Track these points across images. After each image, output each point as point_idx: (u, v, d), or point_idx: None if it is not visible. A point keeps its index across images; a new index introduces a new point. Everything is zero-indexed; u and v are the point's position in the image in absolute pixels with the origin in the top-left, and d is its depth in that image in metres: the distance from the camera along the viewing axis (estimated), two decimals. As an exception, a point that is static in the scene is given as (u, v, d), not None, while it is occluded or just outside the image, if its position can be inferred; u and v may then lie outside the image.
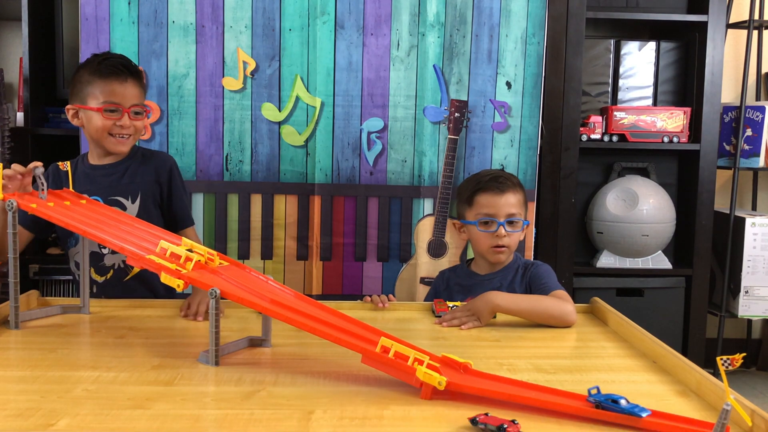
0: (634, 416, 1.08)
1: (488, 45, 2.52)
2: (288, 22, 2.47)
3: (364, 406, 1.16)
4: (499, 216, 1.89)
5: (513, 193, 1.92)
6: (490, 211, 1.90)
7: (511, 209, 1.90)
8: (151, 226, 1.60)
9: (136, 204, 1.90)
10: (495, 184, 1.91)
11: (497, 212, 1.90)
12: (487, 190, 1.91)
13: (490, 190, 1.91)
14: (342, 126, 2.52)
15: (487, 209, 1.91)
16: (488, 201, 1.91)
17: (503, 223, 1.89)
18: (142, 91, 1.89)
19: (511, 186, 1.92)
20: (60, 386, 1.21)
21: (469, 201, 1.95)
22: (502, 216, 1.89)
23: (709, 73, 2.92)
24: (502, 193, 1.90)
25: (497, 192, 1.90)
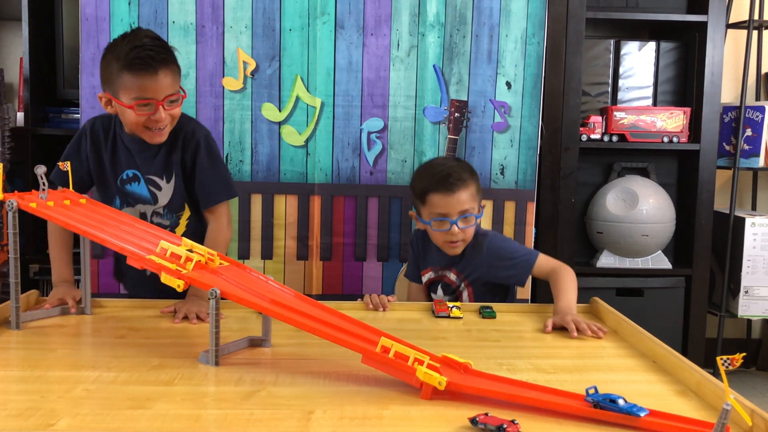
0: (633, 416, 1.09)
1: (488, 45, 2.52)
2: (288, 22, 2.47)
3: (364, 406, 1.16)
4: (452, 215, 1.91)
5: (464, 190, 1.92)
6: (442, 211, 1.92)
7: (463, 206, 1.92)
8: (150, 226, 1.60)
9: (171, 184, 1.85)
10: (445, 185, 1.91)
11: (449, 212, 1.91)
12: (438, 191, 1.92)
13: (441, 191, 1.92)
14: (342, 126, 2.52)
15: (439, 209, 1.92)
16: (440, 201, 1.92)
17: (456, 222, 1.91)
18: (176, 75, 1.75)
19: (461, 184, 1.92)
20: (60, 386, 1.21)
21: (421, 199, 1.96)
22: (455, 215, 1.91)
23: (709, 73, 2.92)
24: (453, 193, 1.91)
25: (448, 192, 1.91)
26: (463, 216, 1.92)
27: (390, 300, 1.87)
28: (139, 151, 1.83)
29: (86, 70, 2.39)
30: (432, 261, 2.08)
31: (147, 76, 1.67)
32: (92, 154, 1.86)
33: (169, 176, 1.85)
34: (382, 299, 1.85)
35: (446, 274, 2.04)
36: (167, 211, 1.90)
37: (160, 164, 1.83)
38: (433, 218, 1.94)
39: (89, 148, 1.86)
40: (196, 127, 1.88)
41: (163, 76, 1.69)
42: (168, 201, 1.88)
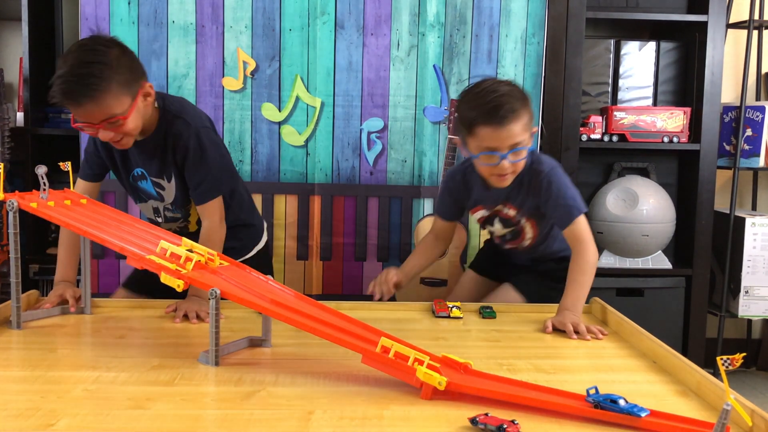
0: (634, 416, 1.09)
1: (488, 45, 2.52)
2: (288, 22, 2.47)
3: (364, 406, 1.16)
4: (502, 149, 1.76)
5: (516, 122, 1.74)
6: (491, 144, 1.76)
7: (514, 139, 1.75)
8: (151, 226, 1.60)
9: (172, 183, 1.85)
10: (495, 117, 1.73)
11: (499, 145, 1.75)
12: (487, 123, 1.74)
13: (491, 124, 1.74)
14: (342, 126, 2.52)
15: (488, 143, 1.76)
16: (489, 135, 1.75)
17: (506, 156, 1.76)
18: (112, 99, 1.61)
19: (512, 116, 1.74)
20: (60, 386, 1.21)
21: (468, 129, 1.80)
22: (505, 148, 1.76)
23: (709, 73, 2.92)
24: (504, 126, 1.74)
25: (498, 126, 1.73)
26: (514, 150, 1.76)
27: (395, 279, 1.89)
28: (139, 153, 1.83)
29: (86, 70, 2.38)
30: (481, 198, 1.97)
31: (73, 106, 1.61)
32: (105, 152, 1.86)
33: (168, 176, 1.85)
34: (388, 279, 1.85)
35: (501, 209, 1.95)
36: (175, 206, 1.91)
37: (158, 166, 1.83)
38: (481, 151, 1.78)
39: (101, 145, 1.84)
40: (184, 127, 1.78)
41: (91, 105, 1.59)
42: (173, 198, 1.89)
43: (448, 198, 2.04)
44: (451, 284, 2.58)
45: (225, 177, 1.88)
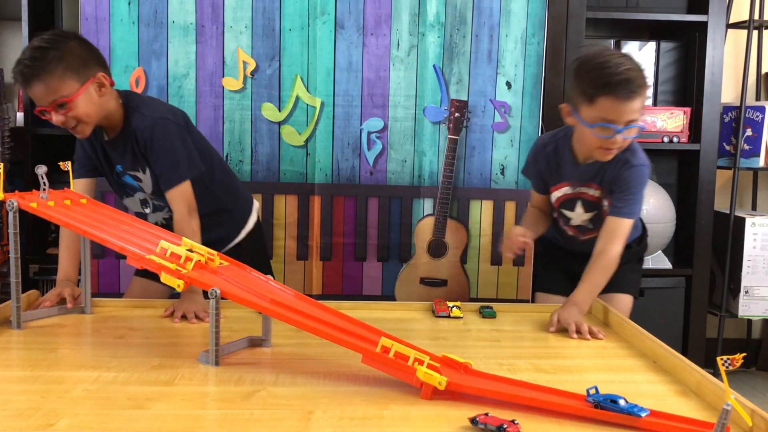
0: (634, 416, 1.09)
1: (488, 45, 2.52)
2: (288, 22, 2.47)
3: (364, 406, 1.16)
4: (620, 123, 1.72)
5: (639, 98, 1.72)
6: (611, 117, 1.72)
7: (633, 116, 1.72)
8: (151, 225, 1.60)
9: (147, 174, 1.88)
10: (624, 91, 1.69)
11: (618, 119, 1.72)
12: (615, 95, 1.70)
13: (619, 96, 1.70)
14: (342, 126, 2.52)
15: (609, 115, 1.72)
16: (613, 107, 1.71)
17: (621, 130, 1.72)
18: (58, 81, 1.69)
19: (639, 91, 1.71)
20: (60, 386, 1.21)
21: (588, 98, 1.74)
22: (622, 123, 1.72)
23: (709, 73, 2.92)
24: (628, 101, 1.70)
25: (624, 100, 1.70)
26: (629, 126, 1.73)
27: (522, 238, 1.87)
28: (112, 149, 1.87)
29: (86, 70, 2.38)
30: (568, 175, 1.93)
31: (26, 89, 1.72)
32: (90, 150, 1.91)
33: (143, 168, 1.88)
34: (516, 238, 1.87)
35: (585, 190, 1.92)
36: (156, 196, 1.93)
37: (130, 159, 1.87)
38: (597, 123, 1.73)
39: (86, 144, 1.91)
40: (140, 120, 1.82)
41: (39, 87, 1.70)
42: (152, 189, 1.92)
43: (534, 168, 2.01)
44: (451, 284, 2.59)
45: (187, 163, 1.88)
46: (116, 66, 2.41)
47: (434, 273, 2.60)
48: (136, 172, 1.89)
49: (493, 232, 2.58)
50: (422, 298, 2.52)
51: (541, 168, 1.97)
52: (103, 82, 1.75)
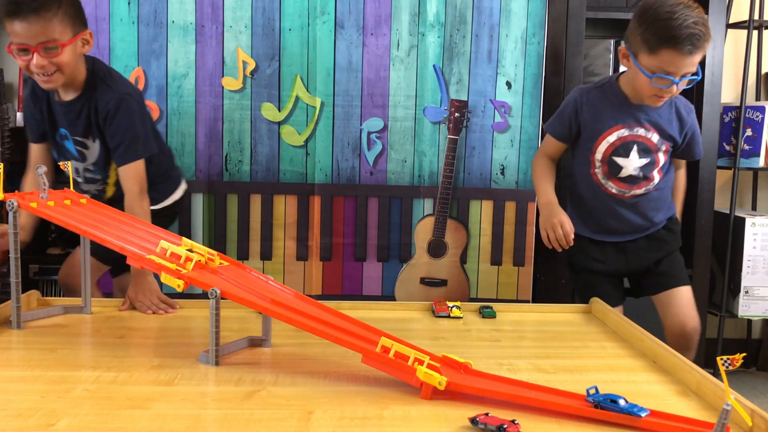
0: (634, 416, 1.08)
1: (488, 45, 2.52)
2: (288, 22, 2.47)
3: (364, 406, 1.16)
4: (678, 75, 1.79)
5: (700, 52, 1.78)
6: (670, 70, 1.78)
7: (691, 68, 1.79)
8: (151, 226, 1.60)
9: (96, 143, 1.89)
10: (687, 45, 1.74)
11: (677, 71, 1.78)
12: (679, 49, 1.75)
13: (681, 49, 1.75)
14: (342, 126, 2.52)
15: (669, 67, 1.78)
16: (674, 60, 1.77)
17: (678, 82, 1.79)
18: (57, 23, 1.69)
19: (703, 45, 1.76)
20: (60, 386, 1.21)
21: (650, 47, 1.78)
22: (680, 75, 1.79)
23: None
24: (690, 55, 1.76)
25: (686, 54, 1.75)
26: (686, 78, 1.80)
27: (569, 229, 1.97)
28: (64, 113, 1.87)
29: (86, 70, 2.38)
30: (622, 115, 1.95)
31: (17, 21, 1.68)
32: (35, 108, 1.92)
33: (93, 136, 1.88)
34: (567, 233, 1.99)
35: (643, 132, 1.95)
36: (96, 167, 1.94)
37: (83, 126, 1.87)
38: (656, 73, 1.79)
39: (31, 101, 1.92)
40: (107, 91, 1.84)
41: (36, 23, 1.67)
42: (96, 159, 1.92)
43: (571, 115, 2.01)
44: (451, 284, 2.59)
45: (143, 143, 1.90)
46: (116, 66, 2.40)
47: (434, 273, 2.60)
48: (85, 139, 1.88)
49: (493, 232, 2.58)
50: (422, 298, 2.52)
51: (584, 116, 1.98)
52: (89, 40, 1.80)
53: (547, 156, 2.13)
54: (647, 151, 1.96)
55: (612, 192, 2.02)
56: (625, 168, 1.98)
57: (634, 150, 1.95)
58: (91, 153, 1.91)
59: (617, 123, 1.95)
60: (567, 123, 2.03)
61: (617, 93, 1.94)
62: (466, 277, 2.60)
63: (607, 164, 1.99)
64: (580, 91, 2.03)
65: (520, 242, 2.58)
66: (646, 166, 1.98)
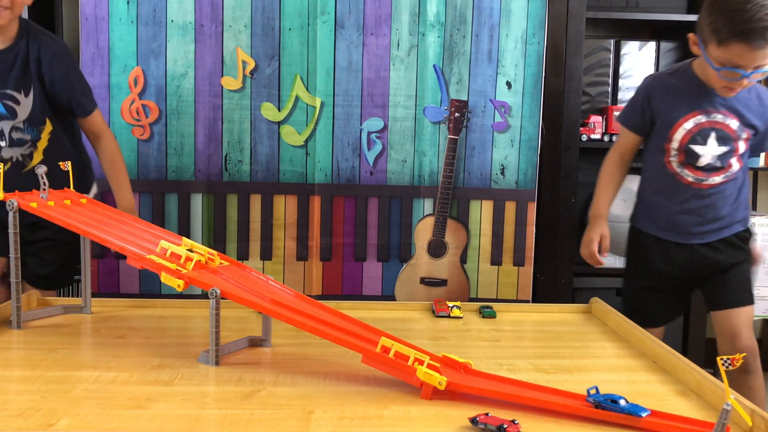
0: (634, 416, 1.08)
1: (488, 45, 2.52)
2: (288, 22, 2.47)
3: (364, 406, 1.16)
4: (748, 68, 1.73)
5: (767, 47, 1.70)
6: (741, 63, 1.72)
7: (762, 61, 1.72)
8: (151, 226, 1.60)
9: (30, 97, 1.84)
10: (759, 39, 1.67)
11: (748, 64, 1.72)
12: (749, 41, 1.68)
13: (752, 43, 1.68)
14: (342, 126, 2.51)
15: (739, 60, 1.72)
16: (743, 53, 1.70)
17: (749, 75, 1.73)
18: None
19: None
20: (60, 386, 1.21)
21: (719, 40, 1.72)
22: (751, 68, 1.73)
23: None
24: (761, 49, 1.69)
25: (757, 47, 1.69)
26: (757, 71, 1.74)
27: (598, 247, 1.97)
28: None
29: (86, 70, 2.38)
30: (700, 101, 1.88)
31: None
32: None
33: (27, 89, 1.83)
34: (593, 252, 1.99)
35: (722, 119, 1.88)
36: (28, 125, 1.89)
37: (16, 78, 1.82)
38: (725, 66, 1.74)
39: None
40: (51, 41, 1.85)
41: None
42: (28, 115, 1.87)
43: (644, 103, 1.95)
44: (451, 284, 2.59)
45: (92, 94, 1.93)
46: (115, 65, 2.41)
47: (434, 273, 2.60)
48: (15, 92, 1.82)
49: (493, 232, 2.58)
50: (422, 298, 2.53)
51: (657, 103, 1.92)
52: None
53: (621, 153, 2.05)
54: (726, 138, 1.89)
55: (688, 180, 1.94)
56: (703, 156, 1.90)
57: (712, 137, 1.88)
58: (23, 108, 1.84)
59: (694, 109, 1.88)
60: (640, 111, 1.96)
61: (692, 78, 1.88)
62: (466, 277, 2.60)
63: (683, 153, 1.92)
64: (653, 78, 1.98)
65: (520, 242, 2.58)
66: (724, 154, 1.90)
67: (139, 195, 2.45)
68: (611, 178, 2.05)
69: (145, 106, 2.43)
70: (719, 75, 1.76)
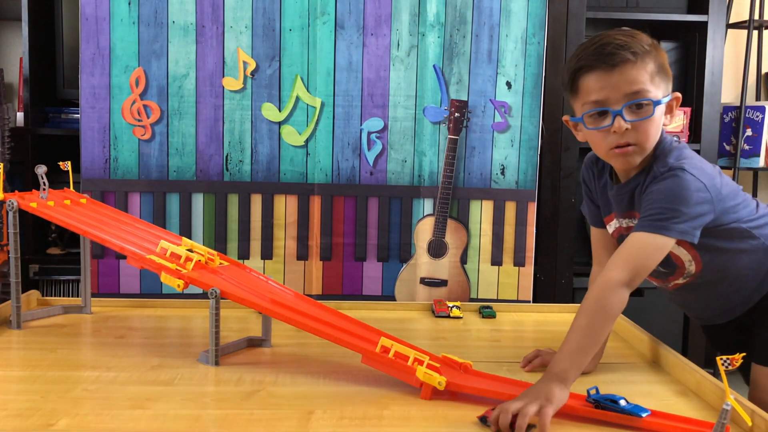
0: (634, 416, 1.08)
1: (488, 45, 2.52)
2: (288, 22, 2.47)
3: (364, 406, 1.16)
4: (612, 101, 1.29)
5: (634, 66, 1.29)
6: (598, 97, 1.30)
7: (631, 87, 1.29)
8: (151, 226, 1.60)
9: None
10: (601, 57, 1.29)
11: (609, 96, 1.29)
12: (591, 69, 1.30)
13: (596, 68, 1.30)
14: (342, 126, 2.51)
15: (593, 95, 1.31)
16: (594, 83, 1.30)
17: (620, 112, 1.28)
18: None
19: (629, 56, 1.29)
20: (60, 386, 1.21)
21: (572, 87, 1.36)
22: (619, 100, 1.29)
23: (709, 73, 2.92)
24: (615, 69, 1.28)
25: (608, 70, 1.29)
26: (632, 102, 1.29)
27: None
28: None
29: (86, 70, 2.39)
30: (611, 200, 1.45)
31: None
32: None
33: None
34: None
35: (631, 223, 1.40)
36: None
37: None
38: (585, 111, 1.32)
39: None
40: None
41: None
42: None
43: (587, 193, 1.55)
44: (451, 284, 2.59)
45: None
46: (116, 66, 2.41)
47: (434, 273, 2.60)
48: None
49: (493, 232, 2.58)
50: (422, 298, 2.52)
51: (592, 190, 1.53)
52: None
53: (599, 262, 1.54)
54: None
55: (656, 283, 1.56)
56: None
57: None
58: None
59: (610, 210, 1.46)
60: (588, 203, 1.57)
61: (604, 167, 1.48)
62: (466, 277, 2.60)
63: None
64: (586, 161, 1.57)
65: (520, 242, 2.58)
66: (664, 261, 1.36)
67: (141, 195, 2.45)
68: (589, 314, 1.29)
69: (146, 106, 2.44)
70: (588, 125, 1.33)
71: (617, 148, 1.32)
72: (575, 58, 1.35)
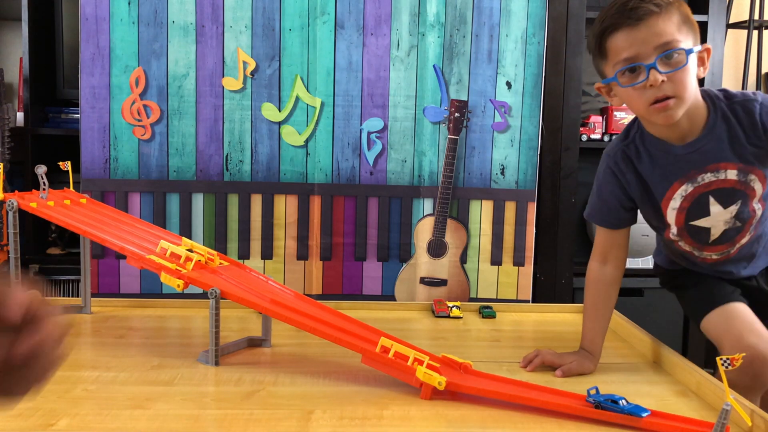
0: (634, 416, 1.08)
1: (488, 45, 2.52)
2: (288, 22, 2.47)
3: (364, 406, 1.16)
4: (644, 56, 1.27)
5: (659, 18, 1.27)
6: (628, 54, 1.28)
7: (661, 39, 1.27)
8: (151, 226, 1.60)
9: None
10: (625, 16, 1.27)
11: (639, 51, 1.27)
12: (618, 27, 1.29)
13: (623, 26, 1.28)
14: (342, 126, 2.51)
15: (624, 52, 1.28)
16: (623, 41, 1.28)
17: (653, 65, 1.26)
18: None
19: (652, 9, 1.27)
20: (60, 386, 1.21)
21: (599, 50, 1.34)
22: (649, 54, 1.27)
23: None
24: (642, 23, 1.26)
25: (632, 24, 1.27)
26: (664, 53, 1.27)
27: None
28: None
29: (86, 70, 2.39)
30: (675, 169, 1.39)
31: None
32: None
33: None
34: None
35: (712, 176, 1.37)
36: None
37: None
38: (618, 69, 1.30)
39: None
40: None
41: None
42: None
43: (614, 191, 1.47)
44: (451, 284, 2.59)
45: None
46: (116, 66, 2.41)
47: (434, 273, 2.60)
48: None
49: (493, 232, 2.58)
50: (422, 298, 2.52)
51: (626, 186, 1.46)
52: None
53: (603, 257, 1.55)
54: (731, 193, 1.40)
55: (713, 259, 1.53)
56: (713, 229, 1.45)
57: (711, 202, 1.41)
58: None
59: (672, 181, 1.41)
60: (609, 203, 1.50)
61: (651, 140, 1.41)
62: (466, 277, 2.60)
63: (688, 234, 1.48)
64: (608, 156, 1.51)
65: (520, 242, 2.58)
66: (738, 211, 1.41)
67: (141, 195, 2.45)
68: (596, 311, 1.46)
69: (146, 106, 2.44)
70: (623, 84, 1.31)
71: (657, 103, 1.29)
72: (599, 21, 1.33)
